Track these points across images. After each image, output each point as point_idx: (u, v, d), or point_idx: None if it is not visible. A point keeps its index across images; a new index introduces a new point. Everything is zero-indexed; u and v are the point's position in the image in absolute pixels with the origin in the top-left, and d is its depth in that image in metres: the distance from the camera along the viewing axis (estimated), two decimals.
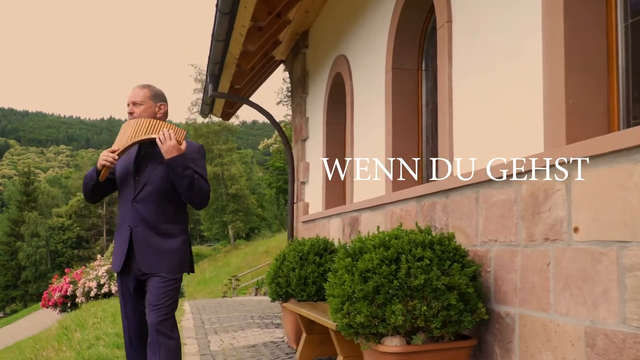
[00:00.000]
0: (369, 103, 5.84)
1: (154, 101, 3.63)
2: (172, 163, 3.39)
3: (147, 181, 3.50)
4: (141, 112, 3.58)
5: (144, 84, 3.70)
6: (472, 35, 3.83)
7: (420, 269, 2.99)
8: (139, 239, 3.46)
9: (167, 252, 3.47)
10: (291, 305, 5.05)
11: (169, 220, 3.52)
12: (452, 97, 4.04)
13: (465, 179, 3.64)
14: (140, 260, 3.45)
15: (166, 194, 3.52)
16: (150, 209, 3.48)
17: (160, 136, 3.42)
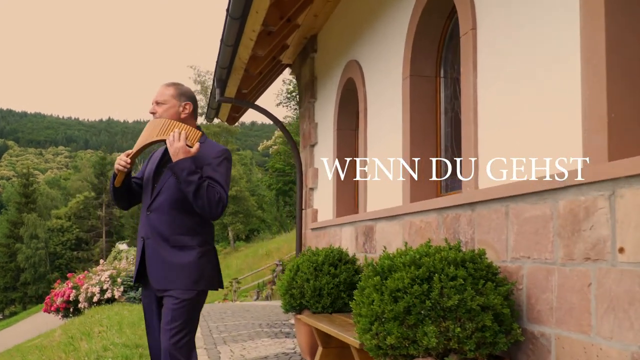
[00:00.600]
0: (384, 110, 5.72)
1: (179, 100, 3.34)
2: (175, 167, 3.11)
3: (162, 189, 3.25)
4: (163, 111, 3.32)
5: (171, 82, 3.45)
6: (499, 43, 3.71)
7: (454, 289, 2.87)
8: (151, 252, 3.23)
9: (179, 266, 3.18)
10: (308, 318, 4.92)
11: (185, 232, 3.23)
12: (477, 107, 3.92)
13: (493, 192, 3.52)
14: (151, 275, 3.22)
15: (182, 203, 3.21)
16: (164, 219, 3.22)
17: (169, 137, 3.15)
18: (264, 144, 63.36)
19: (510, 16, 3.61)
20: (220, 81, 8.32)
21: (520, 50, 3.49)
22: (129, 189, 3.38)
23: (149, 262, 3.23)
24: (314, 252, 5.65)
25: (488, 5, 3.85)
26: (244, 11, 6.05)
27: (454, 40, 4.87)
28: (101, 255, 62.20)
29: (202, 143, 3.29)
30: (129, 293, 13.09)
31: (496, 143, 3.71)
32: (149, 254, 3.23)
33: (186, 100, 3.37)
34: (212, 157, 3.25)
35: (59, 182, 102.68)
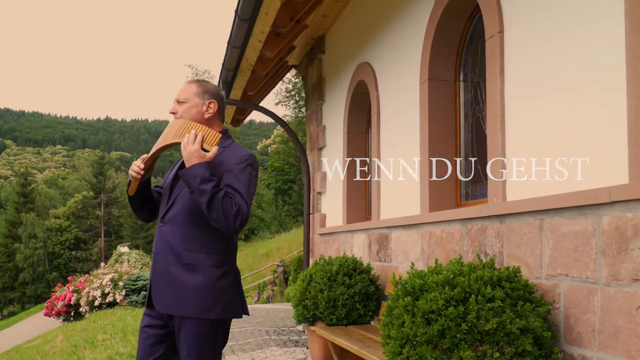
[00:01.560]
0: (398, 114, 5.55)
1: (202, 98, 2.95)
2: (187, 174, 2.70)
3: (177, 198, 2.86)
4: (184, 111, 2.93)
5: (195, 78, 3.09)
6: (530, 48, 3.53)
7: (492, 312, 2.69)
8: (159, 268, 2.81)
9: (190, 289, 2.72)
10: (323, 331, 4.75)
11: (199, 248, 2.78)
12: (505, 114, 3.74)
13: (525, 204, 3.35)
14: (156, 295, 2.80)
15: (199, 215, 2.77)
16: (177, 232, 2.80)
17: (183, 140, 2.76)
18: (263, 142, 63.06)
19: (542, 19, 3.43)
20: (226, 83, 8.14)
21: (553, 56, 3.31)
22: (147, 198, 3.03)
23: (155, 281, 2.82)
24: (328, 261, 5.48)
25: (516, 8, 3.68)
26: (253, 12, 5.87)
27: (474, 43, 4.69)
28: (100, 255, 62.10)
29: (226, 147, 2.91)
30: (130, 297, 12.92)
31: (526, 152, 3.53)
32: (156, 271, 2.82)
33: (210, 98, 2.98)
34: (234, 162, 2.82)
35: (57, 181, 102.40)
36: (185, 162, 2.73)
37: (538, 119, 3.44)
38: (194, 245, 2.79)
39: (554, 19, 3.32)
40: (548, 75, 3.37)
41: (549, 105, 3.34)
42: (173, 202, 2.87)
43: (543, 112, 3.40)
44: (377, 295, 5.34)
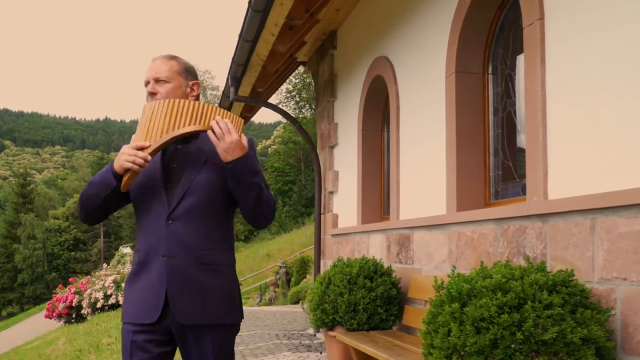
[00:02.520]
0: (421, 109, 5.30)
1: (186, 78, 2.55)
2: (237, 168, 2.34)
3: (187, 190, 2.42)
4: (167, 93, 2.49)
5: (170, 54, 2.59)
6: (575, 35, 3.29)
7: (550, 319, 2.45)
8: (177, 274, 2.36)
9: (213, 293, 2.41)
10: (346, 338, 4.50)
11: (219, 246, 2.46)
12: (546, 107, 3.50)
13: (573, 202, 3.10)
14: (178, 306, 2.35)
15: (214, 209, 2.45)
16: (194, 229, 2.40)
17: (215, 128, 2.34)
18: (263, 143, 62.89)
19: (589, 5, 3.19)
20: (235, 79, 7.90)
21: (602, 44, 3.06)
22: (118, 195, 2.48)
23: (173, 290, 2.35)
24: (347, 263, 5.23)
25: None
26: (267, 3, 5.63)
27: (505, 33, 4.45)
28: (99, 255, 61.82)
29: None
30: None
31: (572, 147, 3.29)
32: (173, 277, 2.36)
33: (193, 78, 2.59)
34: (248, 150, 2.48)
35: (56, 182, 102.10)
36: (224, 155, 2.34)
37: (586, 111, 3.19)
38: (213, 243, 2.45)
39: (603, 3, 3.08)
40: (597, 65, 3.12)
41: (599, 96, 3.10)
42: (183, 195, 2.41)
43: (591, 103, 3.15)
44: (399, 299, 5.10)
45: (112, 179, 2.40)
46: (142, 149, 2.36)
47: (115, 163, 2.38)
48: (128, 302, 2.43)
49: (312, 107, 56.18)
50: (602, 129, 3.08)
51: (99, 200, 2.44)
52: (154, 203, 2.44)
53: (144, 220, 2.46)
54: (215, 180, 2.45)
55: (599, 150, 3.08)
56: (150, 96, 2.50)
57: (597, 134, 3.11)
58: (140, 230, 2.48)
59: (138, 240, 2.50)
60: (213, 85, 58.17)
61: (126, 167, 2.36)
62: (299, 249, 32.55)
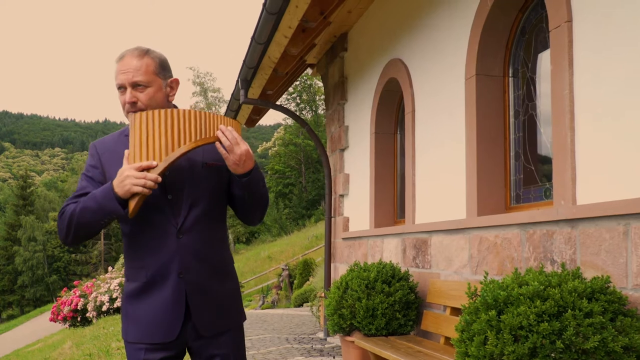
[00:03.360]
0: (437, 112, 5.26)
1: (163, 77, 2.30)
2: (251, 180, 2.24)
3: (193, 200, 2.25)
4: (150, 99, 2.24)
5: (140, 48, 2.31)
6: (605, 36, 3.25)
7: (591, 328, 2.40)
8: (196, 289, 2.25)
9: (227, 298, 2.36)
10: (366, 343, 4.44)
11: (221, 250, 2.38)
12: (574, 110, 3.45)
13: (605, 208, 3.06)
14: (201, 320, 2.26)
15: (217, 213, 2.36)
16: (204, 238, 2.28)
17: (222, 139, 2.16)
18: (264, 145, 62.82)
19: (619, 6, 3.15)
20: (245, 81, 7.84)
21: (634, 46, 3.03)
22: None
23: (195, 305, 2.25)
24: (364, 267, 5.18)
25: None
26: (282, 5, 5.58)
27: (526, 36, 4.41)
28: (99, 258, 61.68)
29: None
30: None
31: (602, 152, 3.24)
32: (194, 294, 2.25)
33: (169, 75, 2.34)
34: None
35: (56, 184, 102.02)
36: (235, 167, 2.20)
37: (616, 114, 3.15)
38: (221, 246, 2.37)
39: (633, 4, 3.04)
40: (629, 67, 3.08)
41: (631, 99, 3.05)
42: (190, 206, 2.25)
43: (623, 106, 3.11)
44: (417, 303, 5.05)
45: (117, 206, 2.14)
46: (149, 169, 2.12)
47: (118, 188, 2.11)
48: (135, 321, 2.26)
49: (312, 109, 56.20)
50: (633, 133, 3.04)
51: (97, 228, 2.23)
52: (157, 218, 2.24)
53: (146, 236, 2.26)
54: (217, 184, 2.33)
55: (631, 154, 3.04)
56: (130, 105, 2.23)
57: (628, 138, 3.07)
58: (141, 246, 2.27)
59: (137, 257, 2.29)
60: (214, 87, 58.17)
61: (134, 192, 2.10)
62: (301, 251, 32.51)
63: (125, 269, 2.37)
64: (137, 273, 2.28)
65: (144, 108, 2.21)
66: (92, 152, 2.39)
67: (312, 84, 52.08)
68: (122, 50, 2.36)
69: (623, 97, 3.12)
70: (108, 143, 2.38)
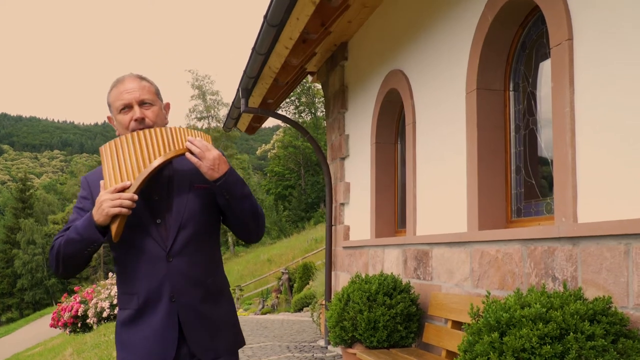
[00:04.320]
0: (438, 125, 5.28)
1: (161, 100, 2.39)
2: (228, 182, 2.19)
3: (182, 222, 2.24)
4: (156, 116, 2.30)
5: (138, 74, 2.37)
6: (606, 55, 3.27)
7: (593, 351, 2.42)
8: (189, 312, 2.22)
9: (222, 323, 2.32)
10: (369, 357, 4.47)
11: (214, 272, 2.33)
12: (575, 128, 3.48)
13: (606, 227, 3.08)
14: (195, 343, 2.22)
15: (208, 234, 2.32)
16: (196, 261, 2.26)
17: (193, 148, 2.17)
18: (262, 148, 62.85)
19: (619, 26, 3.18)
20: (246, 90, 7.87)
21: (635, 64, 3.05)
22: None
23: (188, 329, 2.22)
24: (365, 279, 5.20)
25: (589, 12, 3.42)
26: (283, 18, 5.62)
27: (527, 51, 4.44)
28: (98, 260, 61.63)
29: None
30: None
31: (603, 170, 3.27)
32: (186, 318, 2.22)
33: (161, 98, 2.42)
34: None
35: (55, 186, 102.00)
36: (210, 172, 2.17)
37: (618, 134, 3.18)
38: (213, 269, 2.33)
39: (634, 23, 3.06)
40: (630, 85, 3.11)
41: (633, 119, 3.08)
42: (178, 228, 2.23)
43: (624, 126, 3.13)
44: (419, 315, 5.07)
45: (97, 234, 2.12)
46: (124, 190, 2.12)
47: (96, 215, 2.11)
48: (129, 350, 2.22)
49: (311, 112, 56.28)
50: (634, 153, 3.06)
51: (82, 258, 2.20)
52: (146, 242, 2.21)
53: (136, 261, 2.22)
54: (206, 205, 2.30)
55: (632, 174, 3.06)
56: (138, 122, 2.25)
57: (629, 157, 3.09)
58: (132, 272, 2.23)
59: (128, 283, 2.25)
60: (213, 90, 58.21)
61: (113, 214, 2.09)
62: (301, 254, 32.50)
63: (117, 296, 2.35)
64: (129, 300, 2.24)
65: (151, 125, 2.25)
66: (84, 184, 2.38)
67: (310, 86, 52.15)
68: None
69: (624, 116, 3.14)
70: (98, 174, 2.35)
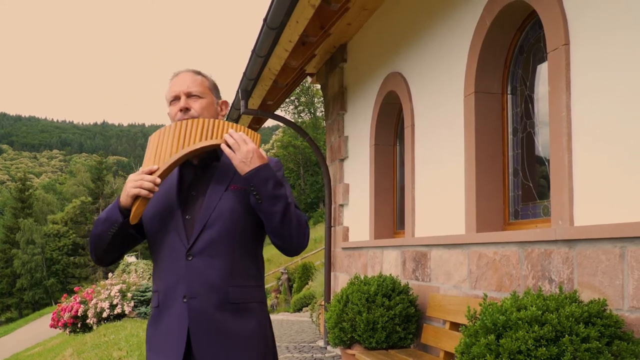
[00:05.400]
0: (436, 127, 5.32)
1: (216, 96, 2.32)
2: (258, 177, 2.05)
3: (209, 220, 2.11)
4: (202, 108, 2.23)
5: (195, 69, 2.33)
6: (603, 61, 3.31)
7: (588, 353, 2.47)
8: (200, 317, 2.04)
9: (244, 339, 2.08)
10: (367, 358, 4.50)
11: (243, 282, 2.12)
12: (572, 132, 3.52)
13: (602, 230, 3.12)
14: (202, 352, 2.03)
15: (240, 239, 2.13)
16: (219, 265, 2.09)
17: (228, 140, 2.10)
18: (262, 148, 62.73)
19: (616, 31, 3.22)
20: (245, 92, 7.91)
21: (632, 70, 3.09)
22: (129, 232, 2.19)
23: (197, 336, 2.04)
24: (364, 281, 5.24)
25: (586, 17, 3.46)
26: (282, 21, 5.65)
27: (524, 54, 4.48)
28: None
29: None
30: (139, 308, 12.65)
31: (599, 174, 3.31)
32: (197, 323, 2.04)
33: (220, 97, 2.36)
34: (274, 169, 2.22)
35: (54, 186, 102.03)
36: (242, 166, 2.07)
37: (614, 139, 3.22)
38: (241, 278, 2.12)
39: (632, 31, 3.11)
40: (625, 91, 3.15)
41: (629, 124, 3.12)
42: (204, 225, 2.11)
43: (620, 131, 3.18)
44: (417, 317, 5.11)
45: (118, 214, 2.10)
46: (151, 173, 2.09)
47: (122, 195, 2.09)
48: (151, 349, 2.15)
49: (310, 112, 56.31)
50: (630, 157, 3.10)
51: (106, 240, 2.15)
52: (172, 236, 2.13)
53: (161, 256, 2.15)
54: (240, 206, 2.14)
55: (627, 178, 3.10)
56: (183, 112, 2.21)
57: (625, 161, 3.14)
58: (157, 267, 2.18)
59: (155, 279, 2.20)
60: None
61: (133, 194, 2.05)
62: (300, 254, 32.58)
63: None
64: (154, 297, 2.17)
65: (196, 116, 2.21)
66: None
67: (310, 86, 52.17)
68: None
69: (620, 121, 3.18)
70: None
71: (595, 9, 3.38)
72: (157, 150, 2.15)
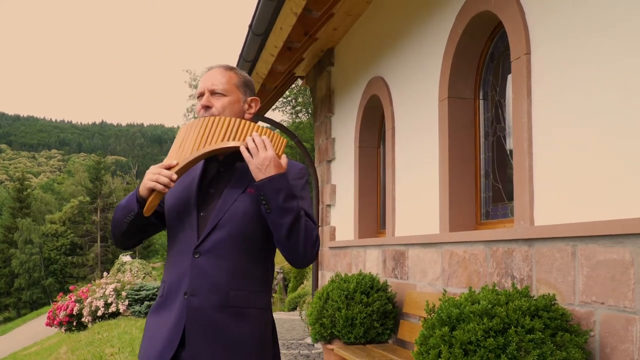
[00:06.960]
0: (415, 131, 5.52)
1: (244, 94, 2.28)
2: (269, 187, 2.04)
3: (221, 220, 2.13)
4: (223, 107, 2.21)
5: (228, 65, 2.33)
6: (561, 69, 3.51)
7: (532, 343, 2.67)
8: (197, 315, 2.06)
9: (237, 342, 2.06)
10: (344, 352, 4.71)
11: (251, 287, 2.12)
12: (532, 137, 3.72)
13: (557, 230, 3.33)
14: (193, 350, 2.04)
15: (249, 243, 2.14)
16: (224, 266, 2.10)
17: (249, 143, 2.09)
18: None
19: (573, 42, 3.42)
20: None
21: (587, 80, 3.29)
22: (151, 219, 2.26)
23: (192, 335, 2.04)
24: (344, 278, 5.44)
25: (545, 28, 3.66)
26: (267, 27, 5.86)
27: (495, 61, 4.68)
28: (96, 260, 61.88)
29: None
30: (133, 307, 12.85)
31: (556, 177, 3.51)
32: (193, 320, 2.05)
33: (252, 94, 2.32)
34: (292, 177, 2.19)
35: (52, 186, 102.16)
36: (257, 173, 2.07)
37: (570, 143, 3.42)
38: (245, 282, 2.12)
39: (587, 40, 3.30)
40: (582, 99, 3.35)
41: (583, 129, 3.32)
42: (214, 225, 2.12)
43: (575, 136, 3.38)
44: (395, 313, 5.31)
45: (134, 203, 2.15)
46: (170, 168, 2.13)
47: (140, 186, 2.15)
48: (146, 336, 2.18)
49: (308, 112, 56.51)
50: (583, 161, 3.30)
51: (123, 226, 2.21)
52: (185, 232, 2.16)
53: (173, 248, 2.20)
54: (253, 210, 2.13)
55: (581, 181, 3.30)
56: (204, 109, 2.23)
57: (579, 166, 3.33)
58: (169, 259, 2.22)
59: (165, 269, 2.24)
60: None
61: (149, 187, 2.10)
62: None
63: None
64: (161, 287, 2.22)
65: (216, 114, 2.21)
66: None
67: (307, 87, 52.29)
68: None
69: (575, 126, 3.38)
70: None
71: (554, 16, 3.57)
72: (182, 144, 2.17)
